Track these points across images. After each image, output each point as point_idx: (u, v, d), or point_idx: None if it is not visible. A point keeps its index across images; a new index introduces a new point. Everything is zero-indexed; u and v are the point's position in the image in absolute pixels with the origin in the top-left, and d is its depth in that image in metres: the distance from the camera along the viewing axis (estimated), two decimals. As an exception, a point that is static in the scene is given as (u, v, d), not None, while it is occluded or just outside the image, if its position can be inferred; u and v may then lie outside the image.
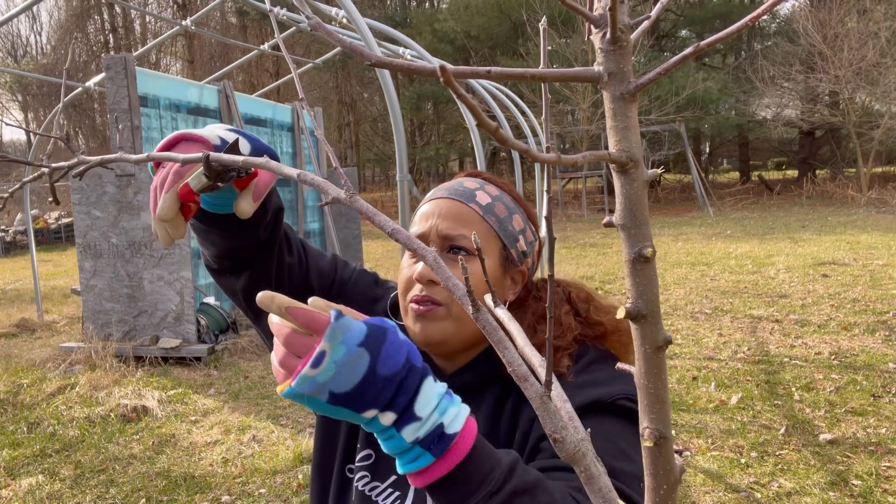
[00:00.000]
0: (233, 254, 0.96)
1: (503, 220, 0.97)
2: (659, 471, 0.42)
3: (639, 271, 0.39)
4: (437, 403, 0.65)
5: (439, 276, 0.40)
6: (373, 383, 0.63)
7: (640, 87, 0.35)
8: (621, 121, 0.36)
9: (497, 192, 0.99)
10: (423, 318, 0.92)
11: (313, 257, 1.08)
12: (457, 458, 0.64)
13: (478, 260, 0.94)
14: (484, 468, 0.66)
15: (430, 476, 0.65)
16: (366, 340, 0.63)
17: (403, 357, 0.65)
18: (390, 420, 0.64)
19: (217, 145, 0.82)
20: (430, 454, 0.64)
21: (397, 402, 0.64)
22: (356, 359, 0.62)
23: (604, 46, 0.35)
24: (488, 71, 0.32)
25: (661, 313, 0.40)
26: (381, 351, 0.64)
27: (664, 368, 0.42)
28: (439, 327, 0.92)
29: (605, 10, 0.34)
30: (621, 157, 0.36)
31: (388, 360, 0.64)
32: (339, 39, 0.36)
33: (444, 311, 0.92)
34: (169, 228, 0.80)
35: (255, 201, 0.83)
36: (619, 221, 0.38)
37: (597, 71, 0.35)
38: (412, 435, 0.64)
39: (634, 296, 0.39)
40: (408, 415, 0.64)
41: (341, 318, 0.63)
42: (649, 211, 0.38)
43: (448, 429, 0.64)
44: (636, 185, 0.37)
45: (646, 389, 0.42)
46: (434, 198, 0.99)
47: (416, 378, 0.65)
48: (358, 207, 0.44)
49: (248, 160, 0.54)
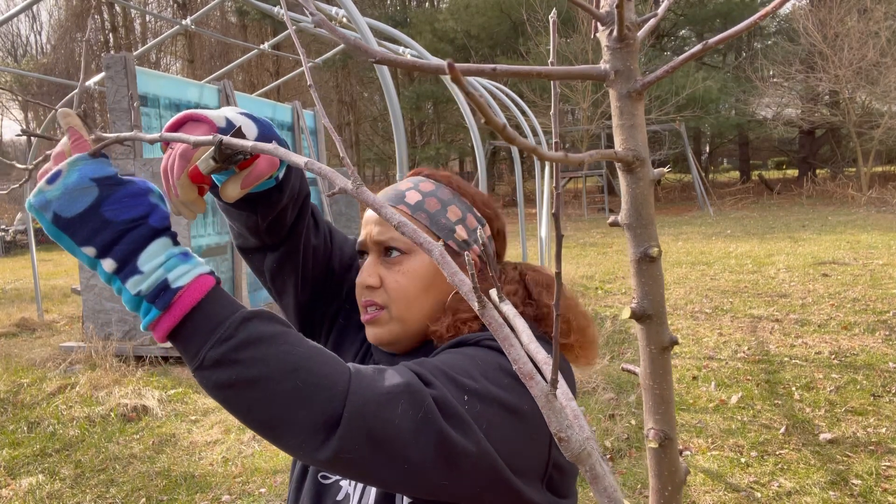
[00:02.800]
0: (258, 231, 0.98)
1: (435, 213, 0.96)
2: (664, 472, 0.42)
3: (644, 271, 0.38)
4: (165, 261, 0.67)
5: (445, 272, 0.40)
6: (93, 220, 0.66)
7: (647, 85, 0.34)
8: (628, 119, 0.35)
9: (432, 188, 0.99)
10: (370, 323, 0.96)
11: (338, 241, 1.10)
12: (182, 310, 0.66)
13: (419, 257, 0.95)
14: (215, 319, 0.67)
15: (160, 329, 0.67)
16: (101, 179, 0.67)
17: (137, 213, 0.68)
18: (111, 267, 0.67)
19: (222, 127, 0.83)
20: (155, 308, 0.67)
21: (116, 249, 0.67)
22: (84, 189, 0.66)
23: (611, 44, 0.35)
24: (494, 68, 0.32)
25: (666, 313, 0.40)
26: (112, 195, 0.67)
27: (669, 369, 0.41)
28: (385, 330, 0.95)
29: (612, 7, 0.34)
30: (628, 156, 0.35)
31: (116, 206, 0.67)
32: (343, 36, 0.36)
33: (385, 314, 0.94)
34: (190, 207, 0.82)
35: (242, 188, 0.84)
36: (624, 221, 0.38)
37: (604, 69, 0.35)
38: (135, 287, 0.67)
39: (640, 296, 0.39)
40: (130, 267, 0.67)
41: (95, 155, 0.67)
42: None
43: (173, 283, 0.67)
44: (642, 185, 0.36)
45: (650, 390, 0.41)
46: None
47: (144, 233, 0.68)
48: (364, 199, 0.44)
49: (256, 145, 0.55)
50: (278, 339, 0.68)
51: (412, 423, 0.68)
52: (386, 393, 0.69)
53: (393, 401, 0.69)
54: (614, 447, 3.41)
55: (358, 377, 0.70)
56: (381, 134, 26.60)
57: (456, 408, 0.72)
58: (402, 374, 0.72)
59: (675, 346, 2.84)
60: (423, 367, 0.76)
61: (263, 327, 0.68)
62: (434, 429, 0.69)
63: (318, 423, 0.66)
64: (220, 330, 0.67)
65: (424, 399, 0.70)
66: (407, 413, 0.68)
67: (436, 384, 0.73)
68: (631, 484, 3.05)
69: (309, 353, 0.69)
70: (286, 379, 0.66)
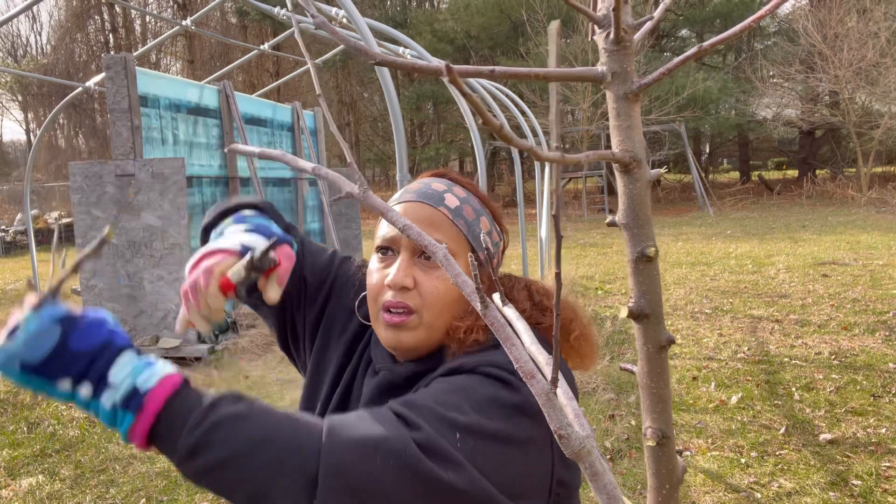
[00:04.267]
0: None
1: (471, 223, 0.97)
2: (661, 470, 0.42)
3: (641, 270, 0.39)
4: (131, 370, 0.70)
5: (449, 273, 0.40)
6: (62, 355, 0.68)
7: (643, 87, 0.35)
8: (624, 120, 0.36)
9: (465, 194, 0.99)
10: (396, 327, 0.93)
11: (311, 253, 1.12)
12: (154, 407, 0.69)
13: (458, 262, 0.95)
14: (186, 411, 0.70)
15: (138, 433, 0.69)
16: (61, 318, 0.69)
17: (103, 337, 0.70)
18: (88, 392, 0.69)
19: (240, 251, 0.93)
20: (129, 412, 0.69)
21: (91, 372, 0.69)
22: (47, 332, 0.68)
23: (607, 47, 0.35)
24: (492, 70, 0.32)
25: (663, 313, 0.40)
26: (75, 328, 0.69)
27: (666, 368, 0.42)
28: (412, 335, 0.93)
29: (608, 10, 0.34)
30: (625, 157, 0.36)
31: (82, 336, 0.69)
32: (343, 38, 0.36)
33: (416, 319, 0.92)
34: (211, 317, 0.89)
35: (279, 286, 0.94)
36: (621, 221, 0.38)
37: (600, 71, 0.35)
38: (109, 400, 0.68)
39: (637, 295, 0.39)
40: (102, 384, 0.69)
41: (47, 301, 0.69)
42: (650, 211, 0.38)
43: (141, 387, 0.69)
44: (639, 185, 0.37)
45: (648, 389, 0.42)
46: (403, 201, 0.99)
47: (112, 352, 0.70)
48: (371, 203, 0.44)
49: (264, 152, 0.58)
50: (246, 416, 0.70)
51: (393, 471, 0.69)
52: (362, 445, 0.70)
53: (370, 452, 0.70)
54: (614, 448, 3.41)
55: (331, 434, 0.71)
56: (381, 134, 26.60)
57: (442, 447, 0.73)
58: (381, 422, 0.73)
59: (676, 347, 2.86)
60: (410, 407, 0.77)
61: (230, 408, 0.71)
62: (416, 471, 0.70)
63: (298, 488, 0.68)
64: (190, 419, 0.69)
65: (405, 444, 0.71)
66: (387, 462, 0.70)
67: (421, 426, 0.74)
68: (631, 484, 3.05)
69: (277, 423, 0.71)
70: (258, 452, 0.69)
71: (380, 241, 0.98)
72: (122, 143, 5.42)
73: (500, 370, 0.82)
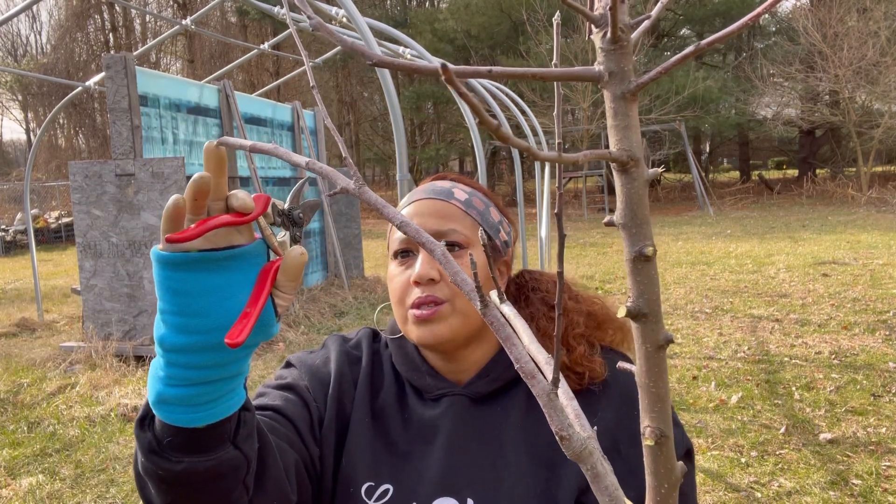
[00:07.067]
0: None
1: (483, 212, 0.98)
2: (660, 469, 0.42)
3: (640, 270, 0.39)
4: None
5: (448, 271, 0.40)
6: None
7: (640, 87, 0.35)
8: (622, 120, 0.36)
9: (470, 189, 1.01)
10: (428, 321, 0.91)
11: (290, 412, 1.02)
12: None
13: (478, 249, 0.95)
14: None
15: None
16: None
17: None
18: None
19: None
20: None
21: None
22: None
23: (604, 46, 0.35)
24: (489, 70, 0.32)
25: (661, 312, 0.40)
26: None
27: (665, 367, 0.42)
28: (446, 325, 0.92)
29: (605, 9, 0.34)
30: (622, 157, 0.36)
31: None
32: (341, 39, 0.36)
33: (447, 307, 0.92)
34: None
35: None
36: (619, 220, 0.38)
37: (597, 70, 0.35)
38: None
39: (635, 294, 0.39)
40: None
41: None
42: (649, 210, 0.38)
43: None
44: (637, 185, 0.37)
45: (647, 388, 0.42)
46: (413, 200, 0.99)
47: None
48: (367, 199, 0.44)
49: (255, 145, 0.55)
50: None
51: None
52: None
53: None
54: (614, 447, 3.42)
55: None
56: (381, 134, 26.59)
57: None
58: None
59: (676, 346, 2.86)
60: None
61: None
62: None
63: None
64: None
65: None
66: None
67: None
68: (631, 483, 3.05)
69: None
70: None
71: (396, 244, 0.96)
72: (121, 142, 5.42)
73: None
